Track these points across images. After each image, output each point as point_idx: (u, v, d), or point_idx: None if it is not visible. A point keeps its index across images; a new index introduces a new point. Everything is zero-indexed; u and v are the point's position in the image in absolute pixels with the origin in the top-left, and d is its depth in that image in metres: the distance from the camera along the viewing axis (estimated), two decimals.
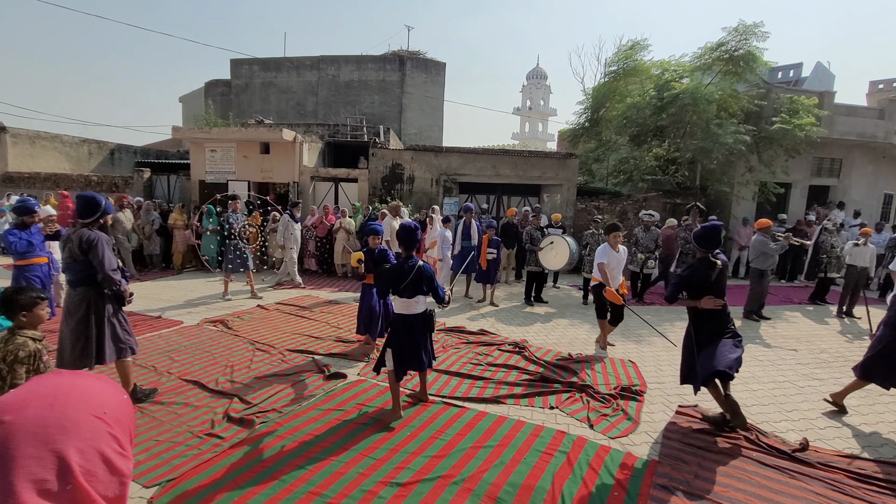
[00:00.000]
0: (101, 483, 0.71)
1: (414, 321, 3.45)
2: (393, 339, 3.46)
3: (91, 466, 0.70)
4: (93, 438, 0.72)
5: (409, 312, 3.44)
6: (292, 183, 10.75)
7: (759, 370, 4.76)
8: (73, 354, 3.29)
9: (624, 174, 12.43)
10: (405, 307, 3.44)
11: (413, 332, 3.44)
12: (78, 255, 3.25)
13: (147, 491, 2.55)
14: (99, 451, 0.72)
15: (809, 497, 2.67)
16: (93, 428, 0.73)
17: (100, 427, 0.73)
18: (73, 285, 3.34)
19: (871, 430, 3.57)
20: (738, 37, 10.60)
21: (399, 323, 3.46)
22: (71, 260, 3.29)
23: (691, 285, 3.51)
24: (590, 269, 7.61)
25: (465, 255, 7.47)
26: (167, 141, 19.36)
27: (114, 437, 0.75)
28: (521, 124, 54.05)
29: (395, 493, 2.59)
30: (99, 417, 0.74)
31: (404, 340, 3.42)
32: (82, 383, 0.78)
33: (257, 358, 4.64)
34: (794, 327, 6.59)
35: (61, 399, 0.72)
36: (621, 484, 2.74)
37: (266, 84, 21.30)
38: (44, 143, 13.55)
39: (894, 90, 32.88)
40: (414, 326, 3.44)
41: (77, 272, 3.30)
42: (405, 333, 3.43)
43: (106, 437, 0.74)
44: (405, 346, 3.42)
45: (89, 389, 0.77)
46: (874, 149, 13.04)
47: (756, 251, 6.95)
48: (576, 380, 4.25)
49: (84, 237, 3.24)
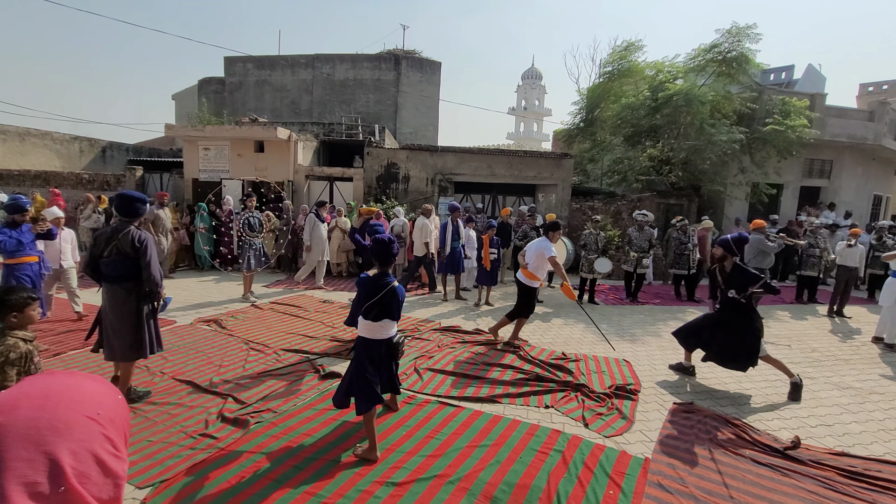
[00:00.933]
0: (94, 485, 0.70)
1: (377, 347, 3.02)
2: (354, 365, 3.01)
3: (84, 468, 0.69)
4: (86, 440, 0.71)
5: (373, 337, 3.01)
6: (287, 181, 10.69)
7: (752, 369, 4.79)
8: (123, 347, 3.43)
9: (618, 174, 12.50)
10: (369, 330, 3.00)
11: (375, 360, 3.00)
12: (129, 252, 3.35)
13: (140, 492, 2.53)
14: (92, 452, 0.71)
15: (801, 494, 2.70)
16: (86, 429, 0.71)
17: (93, 428, 0.72)
18: (114, 281, 3.40)
19: (860, 429, 3.61)
20: (731, 39, 10.71)
21: (362, 347, 3.03)
22: (119, 257, 3.36)
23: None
24: (588, 269, 7.61)
25: (454, 256, 7.46)
26: (160, 139, 19.19)
27: (108, 438, 0.74)
28: (517, 124, 54.17)
29: (391, 492, 2.59)
30: (92, 418, 0.73)
31: (368, 369, 2.95)
32: (75, 383, 0.77)
33: (251, 357, 4.61)
34: (787, 326, 6.66)
35: (53, 400, 0.71)
36: (616, 482, 2.76)
37: (260, 82, 21.17)
38: (34, 140, 13.37)
39: (884, 93, 33.34)
40: (377, 353, 3.02)
41: (125, 268, 3.38)
42: (366, 360, 2.97)
43: (99, 438, 0.73)
44: (369, 375, 2.94)
45: (82, 389, 0.76)
46: (864, 150, 13.22)
47: (755, 250, 7.02)
48: (571, 379, 4.27)
49: (137, 236, 3.37)
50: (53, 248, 5.36)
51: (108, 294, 3.44)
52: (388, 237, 3.10)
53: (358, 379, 2.95)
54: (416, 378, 4.24)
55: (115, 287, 3.41)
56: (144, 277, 3.40)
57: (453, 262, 7.48)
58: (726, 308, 4.28)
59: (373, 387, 2.93)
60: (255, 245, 7.08)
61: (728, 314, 4.25)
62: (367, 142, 12.01)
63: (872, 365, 5.11)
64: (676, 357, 4.94)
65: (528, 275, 5.20)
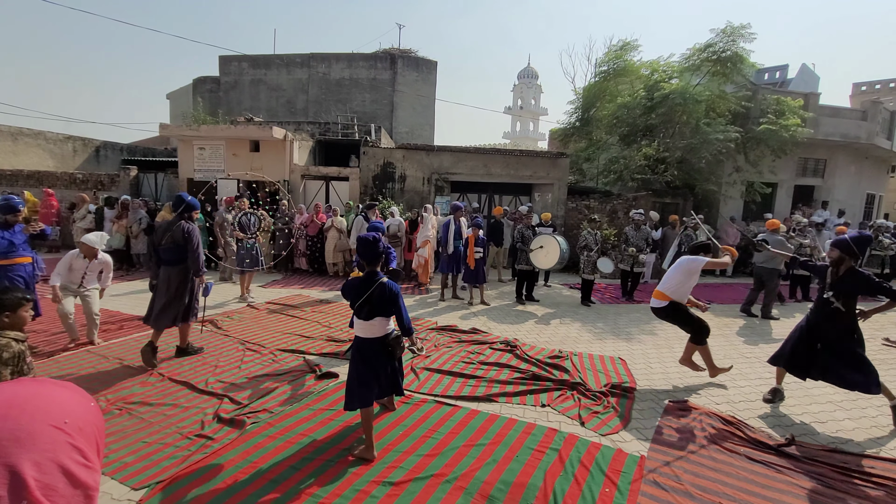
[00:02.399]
0: (61, 497, 0.67)
1: (371, 346, 3.00)
2: (350, 365, 3.04)
3: (49, 480, 0.66)
4: (51, 450, 0.68)
5: (367, 336, 3.00)
6: (283, 181, 10.66)
7: (747, 367, 4.83)
8: (176, 314, 4.36)
9: (614, 174, 12.54)
10: (362, 329, 3.00)
11: (369, 359, 2.99)
12: (181, 241, 4.27)
13: (136, 493, 2.52)
14: (59, 463, 0.68)
15: (795, 490, 2.73)
16: (51, 439, 0.69)
17: (59, 438, 0.69)
18: (171, 264, 4.35)
19: (853, 426, 3.65)
20: (726, 38, 10.74)
21: (356, 347, 3.04)
22: (173, 245, 4.30)
23: None
24: (591, 270, 7.53)
25: (456, 256, 7.46)
26: (154, 138, 19.06)
27: (76, 447, 0.71)
28: (513, 123, 54.21)
29: (388, 492, 2.59)
30: (59, 428, 0.70)
31: (360, 368, 2.97)
32: (42, 392, 0.74)
33: (248, 358, 4.59)
34: (779, 324, 6.70)
35: (17, 409, 0.68)
36: (612, 480, 2.77)
37: (256, 81, 21.06)
38: (27, 139, 13.26)
39: (877, 92, 33.60)
40: (371, 352, 2.99)
41: (177, 254, 4.32)
42: (359, 360, 2.99)
43: (66, 448, 0.69)
44: (361, 375, 2.95)
45: (50, 398, 0.73)
46: (857, 149, 13.32)
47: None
48: (567, 377, 4.28)
49: (185, 228, 4.29)
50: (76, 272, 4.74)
51: (165, 275, 4.36)
52: (373, 236, 3.04)
53: (349, 378, 2.98)
54: (412, 377, 4.24)
55: (170, 268, 4.35)
56: (189, 261, 4.33)
57: (455, 261, 7.49)
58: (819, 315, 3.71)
59: (362, 387, 2.92)
60: (248, 245, 7.00)
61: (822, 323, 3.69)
62: (364, 141, 12.00)
63: None
64: (673, 356, 4.97)
65: (660, 297, 4.42)
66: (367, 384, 2.94)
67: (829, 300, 3.62)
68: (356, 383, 2.94)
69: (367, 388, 2.93)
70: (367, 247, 3.01)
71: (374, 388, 2.98)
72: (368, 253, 3.00)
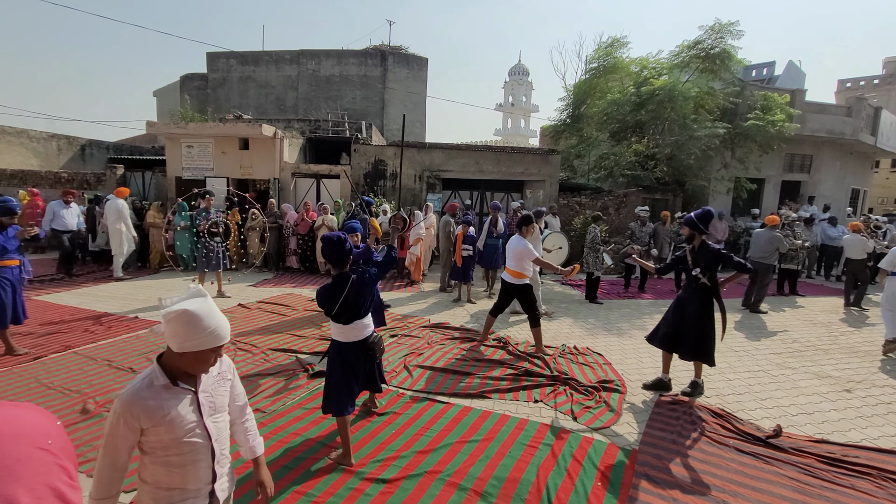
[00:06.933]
0: None
1: (350, 349, 2.89)
2: (328, 368, 2.94)
3: None
4: (43, 473, 0.65)
5: (346, 340, 2.88)
6: (273, 179, 10.57)
7: (735, 360, 4.90)
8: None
9: (605, 170, 12.60)
10: (341, 333, 2.88)
11: (349, 363, 2.89)
12: None
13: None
14: (51, 486, 0.64)
15: (783, 481, 2.78)
16: (41, 462, 0.65)
17: (48, 460, 0.66)
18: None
19: (839, 416, 3.72)
20: (714, 35, 10.84)
21: (335, 351, 2.91)
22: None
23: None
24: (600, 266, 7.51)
25: (489, 252, 7.47)
26: (141, 136, 18.78)
27: (63, 468, 0.68)
28: (504, 120, 54.18)
29: (382, 489, 2.59)
30: (45, 449, 0.67)
31: (338, 371, 2.86)
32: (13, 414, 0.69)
33: (239, 357, 4.56)
34: (767, 318, 6.80)
35: None
36: (604, 474, 2.80)
37: (244, 78, 20.81)
38: (9, 138, 12.98)
39: (861, 88, 34.12)
40: (351, 356, 2.89)
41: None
42: (338, 363, 2.88)
43: (56, 470, 0.67)
44: (339, 379, 2.86)
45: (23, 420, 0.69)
46: (842, 145, 13.54)
47: (771, 247, 7.14)
48: (559, 373, 4.31)
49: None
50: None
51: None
52: (339, 235, 2.76)
53: (327, 382, 2.91)
54: (405, 375, 4.24)
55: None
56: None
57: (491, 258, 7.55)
58: (690, 291, 4.00)
59: (339, 393, 2.83)
60: (210, 245, 6.79)
61: (691, 298, 3.95)
62: (354, 138, 11.91)
63: (850, 354, 5.26)
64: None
65: (514, 274, 4.94)
66: (346, 389, 2.85)
67: (696, 276, 3.93)
68: (334, 389, 2.85)
69: (345, 394, 2.84)
70: (331, 247, 2.73)
71: (353, 392, 2.90)
72: (333, 254, 2.75)
